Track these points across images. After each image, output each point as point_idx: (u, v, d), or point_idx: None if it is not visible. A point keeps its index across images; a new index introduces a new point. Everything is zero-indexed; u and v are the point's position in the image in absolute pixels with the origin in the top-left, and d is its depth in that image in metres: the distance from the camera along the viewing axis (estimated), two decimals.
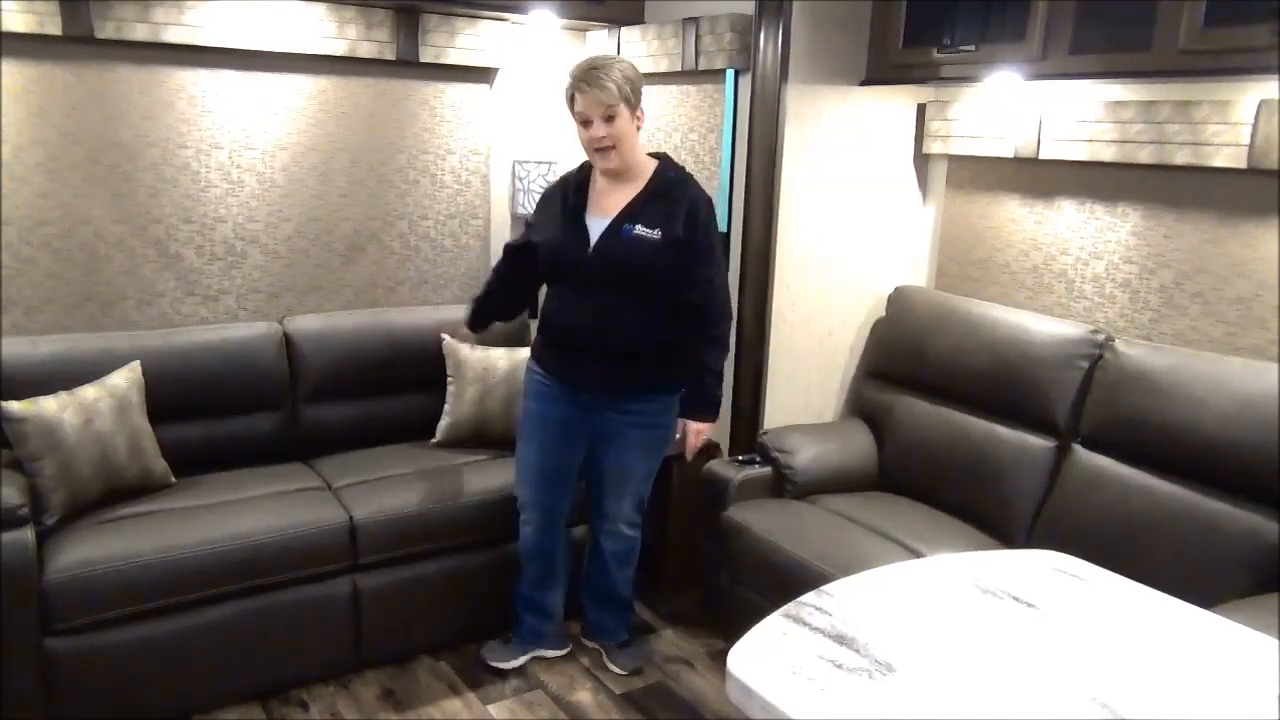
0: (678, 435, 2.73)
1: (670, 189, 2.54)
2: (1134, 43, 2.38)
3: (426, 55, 3.36)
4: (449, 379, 3.28)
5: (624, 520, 2.81)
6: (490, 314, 2.81)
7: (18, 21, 2.71)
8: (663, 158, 2.62)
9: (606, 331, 2.56)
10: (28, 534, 2.38)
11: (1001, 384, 2.87)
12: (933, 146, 3.26)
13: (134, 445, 2.74)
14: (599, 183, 2.59)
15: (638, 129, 2.50)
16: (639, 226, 2.50)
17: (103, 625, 2.45)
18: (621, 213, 2.52)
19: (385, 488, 2.93)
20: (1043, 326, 2.84)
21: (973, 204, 3.24)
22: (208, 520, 2.65)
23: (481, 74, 3.55)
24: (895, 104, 3.23)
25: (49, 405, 2.60)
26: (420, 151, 3.49)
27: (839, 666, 1.31)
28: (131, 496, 2.74)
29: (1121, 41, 2.42)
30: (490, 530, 2.97)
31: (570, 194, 2.61)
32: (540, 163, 3.67)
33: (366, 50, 3.25)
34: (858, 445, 3.17)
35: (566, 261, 2.58)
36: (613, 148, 2.46)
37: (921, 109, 3.27)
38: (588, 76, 2.42)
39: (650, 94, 3.49)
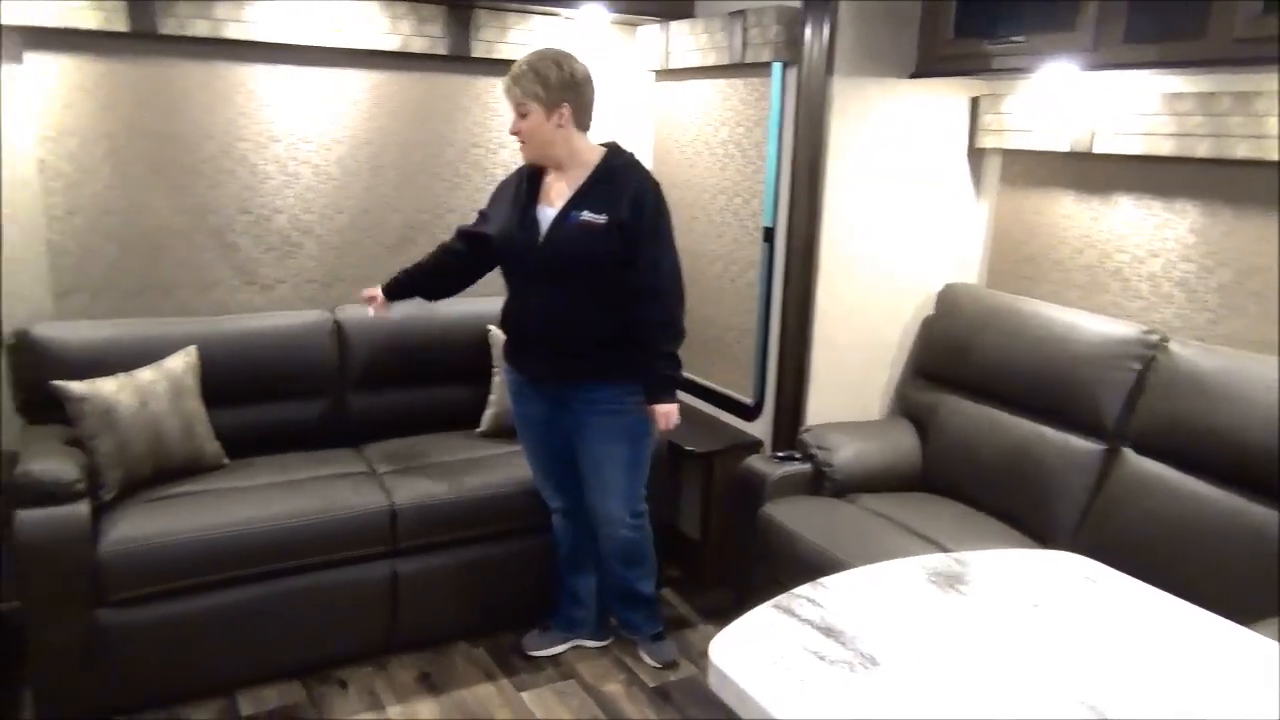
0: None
1: (614, 175, 2.58)
2: (1188, 30, 2.29)
3: (478, 50, 3.41)
4: (494, 369, 3.32)
5: (617, 520, 2.77)
6: (417, 288, 2.86)
7: (87, 18, 2.83)
8: (610, 146, 2.65)
9: (559, 322, 2.60)
10: (84, 508, 2.49)
11: (1049, 384, 2.80)
12: (986, 141, 3.19)
13: (187, 427, 2.84)
14: (550, 174, 2.64)
15: (559, 125, 2.53)
16: (585, 212, 2.54)
17: (152, 598, 2.55)
18: (569, 201, 2.57)
19: (427, 475, 2.98)
20: (1093, 325, 2.76)
21: (1026, 200, 3.15)
22: (255, 501, 2.73)
23: None
24: (946, 97, 3.16)
25: (107, 386, 2.71)
26: (471, 145, 3.54)
27: (822, 658, 1.29)
28: (184, 476, 2.85)
29: (1176, 29, 2.33)
30: (528, 519, 3.00)
31: (523, 185, 2.66)
32: None
33: (419, 45, 3.31)
34: (901, 444, 3.12)
35: (519, 253, 2.63)
36: (524, 142, 2.58)
37: (975, 102, 3.20)
38: (510, 73, 2.54)
39: (697, 87, 3.51)
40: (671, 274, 2.63)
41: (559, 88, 2.51)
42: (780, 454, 3.09)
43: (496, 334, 3.34)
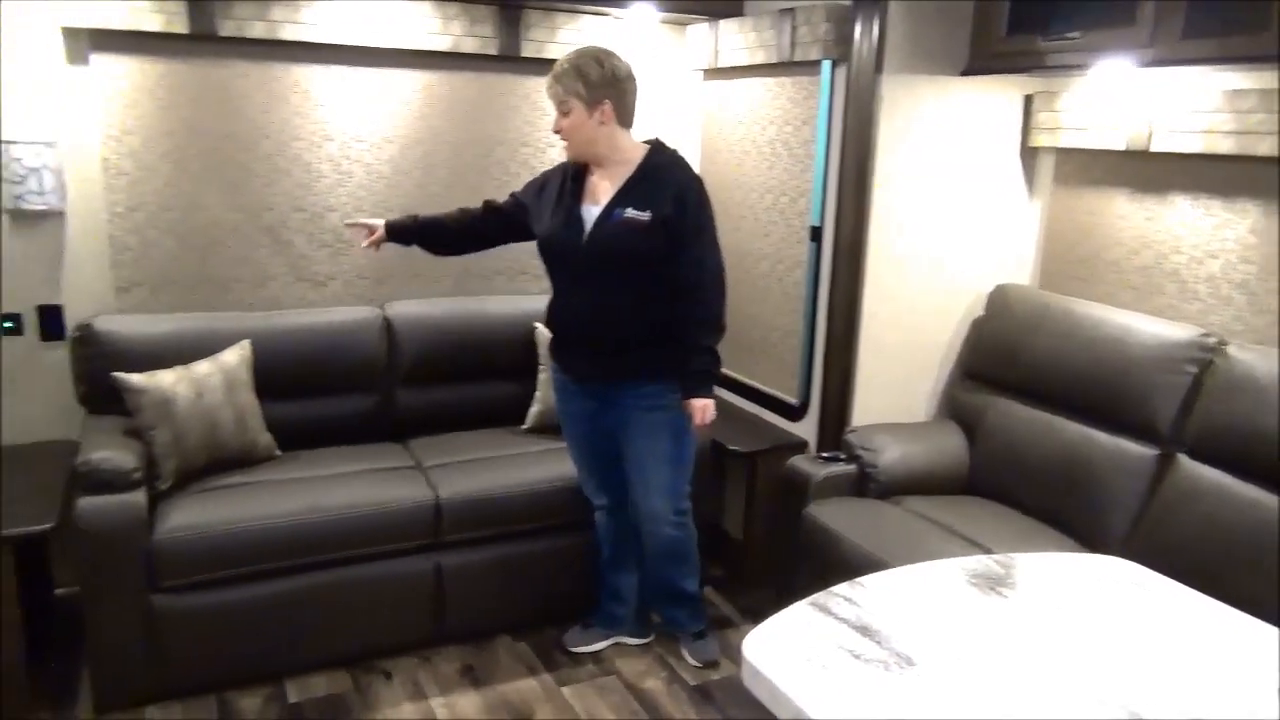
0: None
1: (657, 171, 2.59)
2: (1250, 25, 2.23)
3: (528, 50, 3.44)
4: (540, 367, 3.35)
5: (661, 518, 2.76)
6: (423, 236, 2.87)
7: (150, 21, 2.91)
8: (653, 143, 2.65)
9: (603, 320, 2.61)
10: (141, 496, 2.57)
11: (1102, 387, 2.74)
12: (1039, 139, 3.13)
13: (240, 419, 2.91)
14: (594, 173, 2.64)
15: (601, 123, 2.54)
16: (629, 210, 2.54)
17: (204, 585, 2.62)
18: (613, 198, 2.57)
19: (472, 470, 3.02)
20: (1148, 328, 2.69)
21: (1080, 199, 3.09)
22: (305, 492, 2.79)
23: None
24: (998, 95, 3.12)
25: (165, 378, 2.78)
26: (520, 144, 3.57)
27: (857, 657, 1.29)
28: (237, 467, 2.91)
29: (1237, 24, 2.27)
30: (571, 516, 3.02)
31: (568, 184, 2.67)
32: None
33: (470, 45, 3.35)
34: (948, 447, 3.08)
35: (563, 251, 2.64)
36: (566, 140, 2.60)
37: (1028, 100, 3.15)
38: (552, 71, 2.56)
39: (745, 86, 3.50)
40: (715, 271, 2.63)
41: (600, 85, 2.52)
42: (825, 454, 3.07)
43: (543, 331, 3.36)
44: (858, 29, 2.95)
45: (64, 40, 2.89)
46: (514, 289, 3.66)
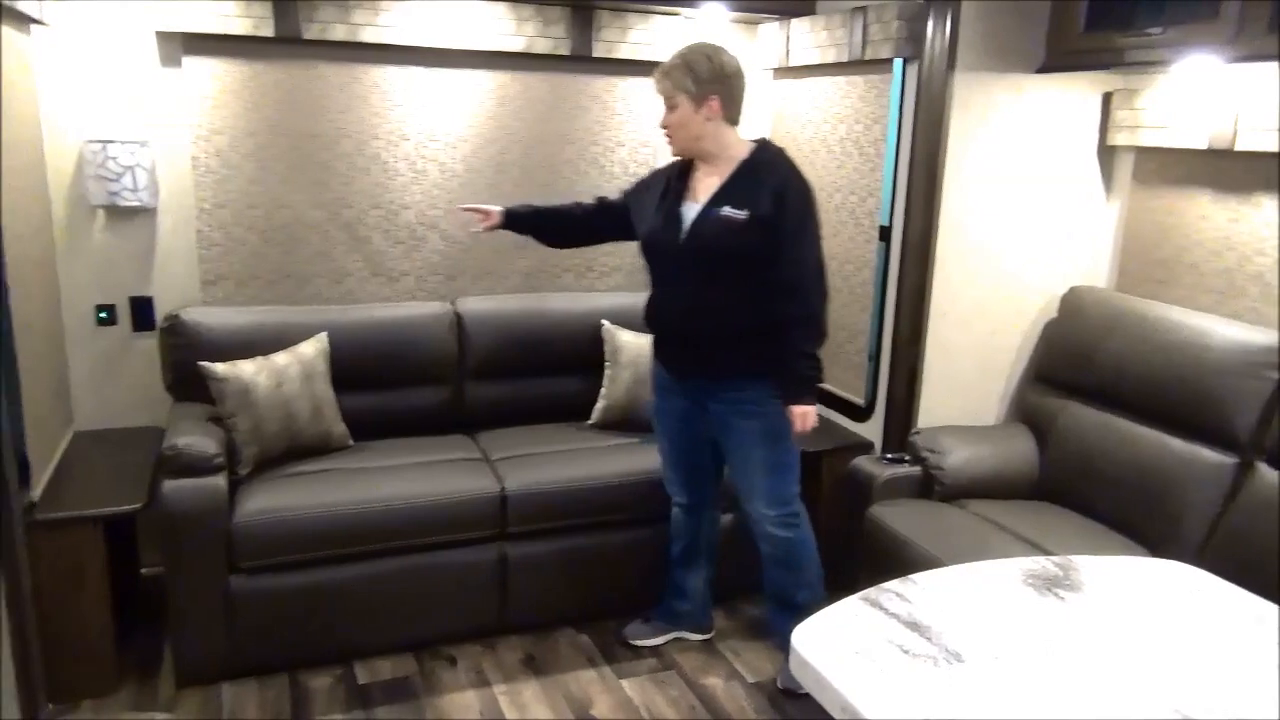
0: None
1: (759, 169, 2.54)
2: None
3: (599, 50, 3.48)
4: (606, 363, 3.39)
5: (763, 519, 2.72)
6: (540, 227, 2.90)
7: (239, 25, 3.03)
8: (760, 141, 2.62)
9: (700, 318, 2.58)
10: (221, 481, 2.68)
11: (1179, 393, 2.66)
12: (1118, 138, 3.06)
13: (316, 409, 3.01)
14: (699, 170, 2.62)
15: (708, 118, 2.52)
16: (726, 207, 2.51)
17: (280, 568, 2.72)
18: (713, 196, 2.55)
19: (537, 463, 3.07)
20: (1227, 332, 2.61)
21: (1159, 199, 3.01)
22: (376, 481, 2.87)
23: (652, 68, 3.58)
24: (1076, 92, 3.05)
25: (246, 368, 2.90)
26: (590, 143, 3.62)
27: (906, 652, 1.28)
28: (312, 455, 3.02)
29: None
30: (633, 511, 3.05)
31: (671, 182, 2.66)
32: None
33: (542, 46, 3.41)
34: (1017, 450, 3.03)
35: (662, 249, 2.63)
36: (670, 135, 2.59)
37: (1107, 97, 3.07)
38: (660, 67, 2.56)
39: (816, 85, 3.49)
40: (815, 272, 2.56)
41: (708, 80, 2.50)
42: (889, 456, 3.05)
43: (610, 328, 3.41)
44: (930, 26, 2.92)
45: (158, 44, 3.03)
46: (582, 286, 3.71)
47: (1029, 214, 3.12)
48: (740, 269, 2.52)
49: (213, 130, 3.13)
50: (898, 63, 3.06)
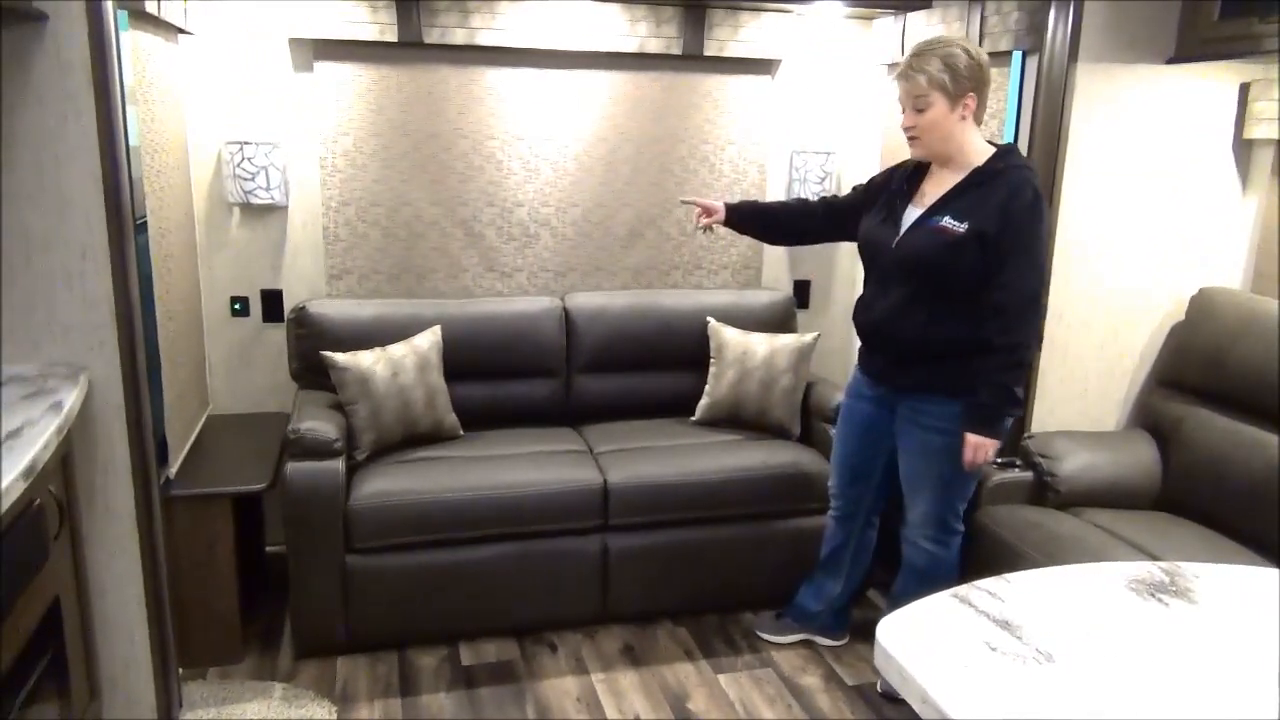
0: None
1: (991, 179, 2.36)
2: None
3: (710, 49, 3.50)
4: (711, 361, 3.40)
5: (917, 530, 2.65)
6: (763, 223, 2.90)
7: (366, 32, 3.18)
8: (1001, 148, 2.44)
9: (899, 326, 2.48)
10: (340, 465, 2.82)
11: None
12: (1256, 130, 2.89)
13: (430, 398, 3.13)
14: (933, 173, 2.49)
15: (963, 118, 2.36)
16: (946, 218, 2.37)
17: (392, 550, 2.84)
18: (935, 203, 2.42)
19: (640, 457, 3.11)
20: None
21: None
22: (484, 470, 2.97)
23: (763, 65, 3.63)
24: (1209, 83, 2.90)
25: (365, 358, 3.03)
26: (701, 142, 3.64)
27: (993, 649, 1.25)
28: (425, 443, 3.14)
29: None
30: (734, 508, 3.06)
31: (898, 183, 2.57)
32: (818, 153, 3.69)
33: (655, 46, 3.45)
34: (1138, 458, 2.89)
35: (875, 250, 2.55)
36: (917, 137, 2.42)
37: (1245, 88, 2.91)
38: (905, 64, 2.39)
39: None
40: (1028, 300, 2.35)
41: (968, 76, 2.33)
42: (1000, 459, 2.96)
43: (715, 325, 3.42)
44: (1052, 17, 2.82)
45: (290, 51, 3.21)
46: (690, 283, 3.73)
47: (1156, 212, 2.98)
48: (948, 283, 2.40)
49: (339, 132, 3.29)
50: (1016, 55, 2.97)
